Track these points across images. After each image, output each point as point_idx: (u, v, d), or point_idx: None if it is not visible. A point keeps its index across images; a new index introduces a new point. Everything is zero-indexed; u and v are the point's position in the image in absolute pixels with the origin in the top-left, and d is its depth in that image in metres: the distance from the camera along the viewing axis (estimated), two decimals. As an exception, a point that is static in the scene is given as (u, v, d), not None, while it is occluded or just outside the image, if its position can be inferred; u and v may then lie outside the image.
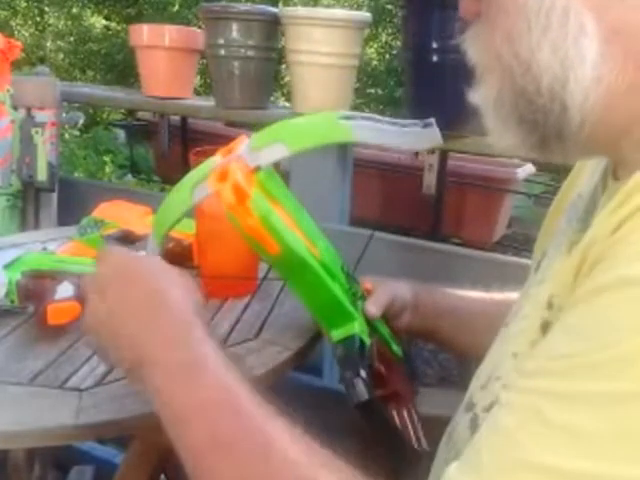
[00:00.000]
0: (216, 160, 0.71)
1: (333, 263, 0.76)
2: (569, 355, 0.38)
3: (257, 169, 0.69)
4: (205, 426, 0.49)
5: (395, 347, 0.83)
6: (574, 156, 0.53)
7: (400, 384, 0.80)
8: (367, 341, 0.74)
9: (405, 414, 0.78)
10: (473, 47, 0.51)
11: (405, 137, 0.69)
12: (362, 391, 0.69)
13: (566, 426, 0.35)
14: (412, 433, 0.77)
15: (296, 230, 0.71)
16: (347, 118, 0.68)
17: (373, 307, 0.79)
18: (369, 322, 0.78)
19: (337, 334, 0.74)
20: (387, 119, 0.69)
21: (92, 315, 0.58)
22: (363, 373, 0.69)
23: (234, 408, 0.49)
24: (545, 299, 0.50)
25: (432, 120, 0.68)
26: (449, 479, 0.40)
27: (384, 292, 0.83)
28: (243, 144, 0.71)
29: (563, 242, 0.54)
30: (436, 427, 0.44)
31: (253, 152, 0.69)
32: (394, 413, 0.76)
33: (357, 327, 0.74)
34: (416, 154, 2.61)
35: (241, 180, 0.68)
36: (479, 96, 0.51)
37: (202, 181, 0.71)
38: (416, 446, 0.75)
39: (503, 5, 0.47)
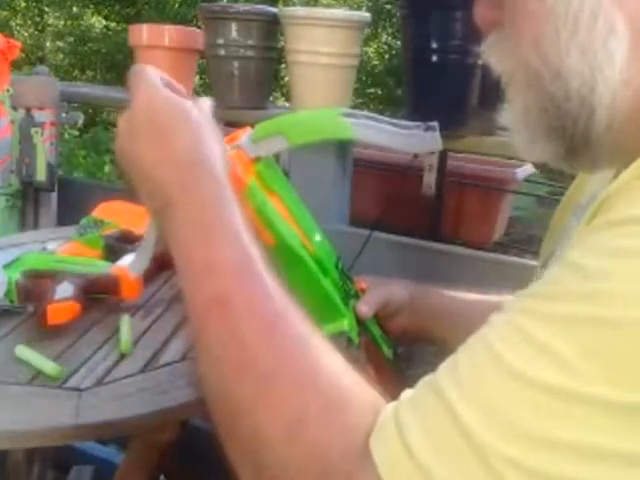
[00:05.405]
0: None
1: (327, 259, 0.75)
2: (557, 281, 0.39)
3: (256, 160, 0.69)
4: (213, 286, 0.50)
5: (386, 349, 0.82)
6: (602, 164, 0.52)
7: (388, 386, 0.80)
8: (355, 340, 0.74)
9: None
10: (495, 55, 0.50)
11: (405, 139, 0.69)
12: None
13: (546, 344, 0.36)
14: None
15: (292, 223, 0.71)
16: (349, 115, 0.69)
17: (365, 306, 0.79)
18: (360, 322, 0.77)
19: (326, 331, 0.74)
20: (389, 120, 0.69)
21: (122, 157, 0.58)
22: None
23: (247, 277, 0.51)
24: None
25: (435, 124, 0.68)
26: (424, 380, 0.43)
27: (378, 292, 0.82)
28: (245, 135, 0.71)
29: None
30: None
31: (254, 143, 0.70)
32: None
33: (346, 324, 0.73)
34: (415, 154, 2.60)
35: (238, 169, 0.68)
36: (507, 112, 0.50)
37: None
38: None
39: (530, 11, 0.46)
